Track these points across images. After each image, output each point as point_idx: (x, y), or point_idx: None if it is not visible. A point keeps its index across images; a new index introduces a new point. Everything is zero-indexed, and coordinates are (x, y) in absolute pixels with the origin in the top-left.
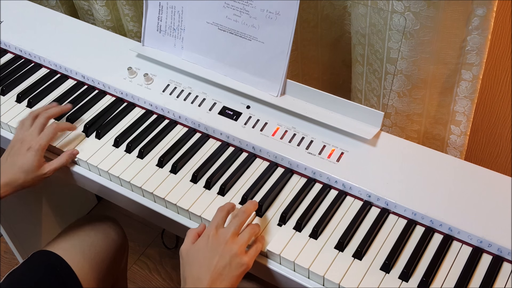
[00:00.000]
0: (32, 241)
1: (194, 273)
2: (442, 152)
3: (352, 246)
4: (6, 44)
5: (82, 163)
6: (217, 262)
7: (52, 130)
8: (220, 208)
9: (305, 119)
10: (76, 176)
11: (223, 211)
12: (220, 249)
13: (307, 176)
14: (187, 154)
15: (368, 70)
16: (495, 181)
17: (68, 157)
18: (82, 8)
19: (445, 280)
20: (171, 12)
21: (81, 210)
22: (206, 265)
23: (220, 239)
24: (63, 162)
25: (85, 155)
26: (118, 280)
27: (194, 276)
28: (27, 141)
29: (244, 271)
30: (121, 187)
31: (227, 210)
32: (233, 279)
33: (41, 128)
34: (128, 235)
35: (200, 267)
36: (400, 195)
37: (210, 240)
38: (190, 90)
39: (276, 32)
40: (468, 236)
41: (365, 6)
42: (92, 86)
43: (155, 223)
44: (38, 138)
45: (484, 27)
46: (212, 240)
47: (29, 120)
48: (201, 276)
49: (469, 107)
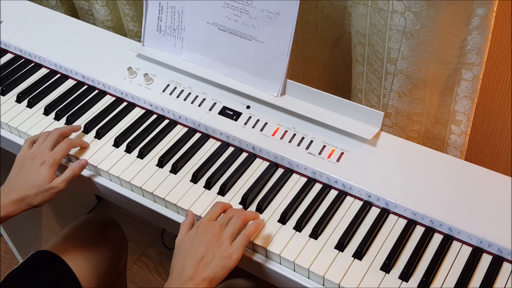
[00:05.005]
0: (32, 241)
1: (180, 263)
2: (443, 152)
3: (352, 246)
4: (6, 44)
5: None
6: (201, 252)
7: (66, 146)
8: (216, 203)
9: (305, 119)
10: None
11: (218, 205)
12: (206, 239)
13: (307, 176)
14: (187, 154)
15: (369, 70)
16: (495, 181)
17: (78, 167)
18: (82, 8)
19: (445, 280)
20: (171, 12)
21: (81, 210)
22: (192, 254)
23: (208, 229)
24: (74, 173)
25: (85, 155)
26: (117, 280)
27: (179, 266)
28: (39, 157)
29: (229, 262)
30: (121, 187)
31: (222, 206)
32: (217, 268)
33: (53, 144)
34: (128, 235)
35: (186, 257)
36: (400, 195)
37: (199, 230)
38: (190, 90)
39: (276, 32)
40: (468, 236)
41: (365, 6)
42: (92, 86)
43: (155, 223)
44: (52, 153)
45: (484, 27)
46: (200, 230)
47: (41, 137)
48: (185, 265)
49: (469, 106)
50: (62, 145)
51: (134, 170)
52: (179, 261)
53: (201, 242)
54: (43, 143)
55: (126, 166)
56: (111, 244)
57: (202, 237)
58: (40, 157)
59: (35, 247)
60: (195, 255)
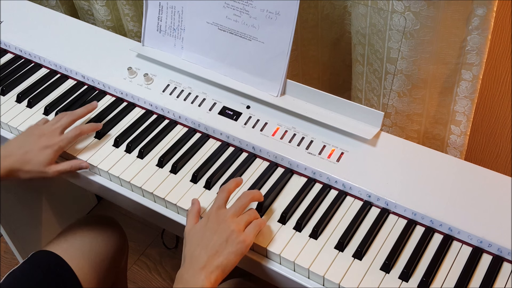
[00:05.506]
0: (32, 241)
1: (192, 251)
2: (442, 152)
3: (352, 246)
4: (6, 44)
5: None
6: (214, 239)
7: (74, 134)
8: (221, 189)
9: (305, 119)
10: (76, 176)
11: (224, 191)
12: (218, 227)
13: (307, 176)
14: (187, 154)
15: (368, 70)
16: (495, 181)
17: (75, 165)
18: (82, 8)
19: (445, 280)
20: (171, 12)
21: (81, 210)
22: (204, 243)
23: (220, 218)
24: (68, 168)
25: (85, 156)
26: (118, 280)
27: (192, 254)
28: (46, 137)
29: (242, 248)
30: (121, 187)
31: (228, 190)
32: (230, 255)
33: (63, 128)
34: (128, 235)
35: (198, 245)
36: (400, 195)
37: (210, 219)
38: (190, 90)
39: (276, 32)
40: (468, 236)
41: (365, 6)
42: (92, 86)
43: (155, 223)
44: (59, 139)
45: (484, 27)
46: (211, 220)
47: (57, 117)
48: (198, 253)
49: (469, 107)
50: (71, 133)
51: (134, 170)
52: (191, 249)
53: (214, 231)
54: (56, 124)
55: (126, 166)
56: (111, 244)
57: (214, 226)
58: (47, 139)
59: (35, 247)
60: (208, 244)
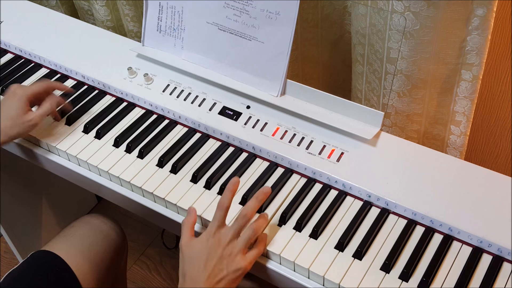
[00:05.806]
0: (32, 241)
1: (192, 273)
2: (442, 152)
3: (352, 246)
4: (6, 44)
5: (82, 163)
6: (214, 265)
7: (42, 84)
8: (219, 206)
9: (305, 119)
10: (76, 175)
11: (222, 209)
12: (219, 251)
13: (307, 176)
14: (187, 154)
15: (368, 70)
16: (495, 181)
17: (52, 101)
18: (82, 8)
19: (445, 280)
20: (171, 12)
21: (81, 210)
22: (204, 266)
23: (221, 241)
24: (48, 109)
25: (85, 155)
26: (117, 280)
27: (192, 276)
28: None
29: (242, 274)
30: (121, 187)
31: (226, 208)
32: (230, 281)
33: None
34: (128, 235)
35: (199, 267)
36: (400, 195)
37: (210, 240)
38: (190, 90)
39: (276, 32)
40: (468, 236)
41: (365, 6)
42: (92, 86)
43: (155, 223)
44: (26, 87)
45: (484, 27)
46: (212, 241)
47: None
48: (198, 277)
49: (469, 107)
50: (38, 83)
51: (134, 170)
52: (191, 269)
53: (213, 256)
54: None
55: (126, 166)
56: (111, 244)
57: (216, 250)
58: (14, 91)
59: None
60: (208, 268)
